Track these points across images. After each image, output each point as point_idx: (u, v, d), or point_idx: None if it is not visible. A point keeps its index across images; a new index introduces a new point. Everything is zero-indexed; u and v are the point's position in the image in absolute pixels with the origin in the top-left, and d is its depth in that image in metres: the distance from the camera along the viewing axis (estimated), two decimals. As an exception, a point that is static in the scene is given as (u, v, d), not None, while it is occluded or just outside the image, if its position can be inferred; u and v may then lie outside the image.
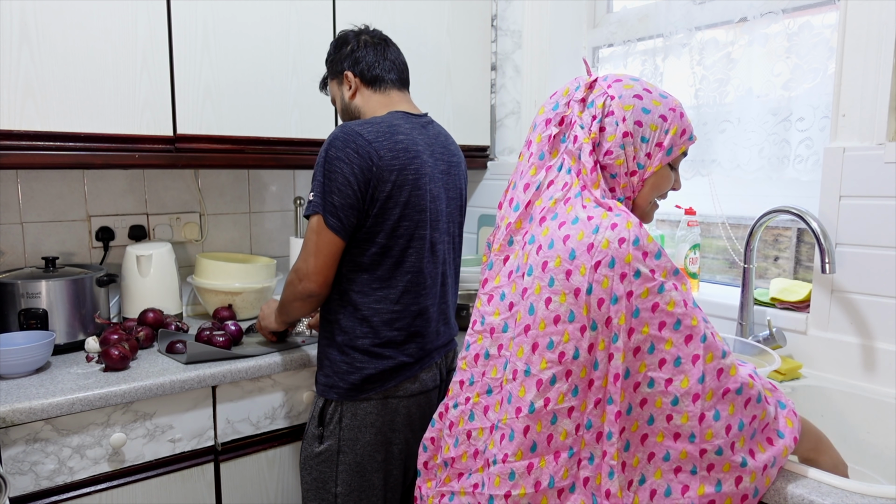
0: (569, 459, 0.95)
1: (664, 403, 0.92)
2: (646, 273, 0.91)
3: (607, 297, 0.91)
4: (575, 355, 0.93)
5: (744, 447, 0.93)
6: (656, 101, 1.02)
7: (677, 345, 0.91)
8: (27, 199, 1.79)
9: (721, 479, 0.93)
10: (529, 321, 0.96)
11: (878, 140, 1.36)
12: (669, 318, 0.91)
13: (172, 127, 1.64)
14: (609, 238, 0.92)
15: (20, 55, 1.44)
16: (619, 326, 0.91)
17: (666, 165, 1.04)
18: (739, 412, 0.93)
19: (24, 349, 1.41)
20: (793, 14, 1.57)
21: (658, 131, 1.01)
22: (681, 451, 0.92)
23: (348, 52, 1.48)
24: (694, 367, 0.90)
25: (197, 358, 1.52)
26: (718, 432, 0.91)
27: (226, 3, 1.68)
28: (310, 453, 1.42)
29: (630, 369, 0.92)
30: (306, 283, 1.35)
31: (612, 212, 0.95)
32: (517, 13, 2.16)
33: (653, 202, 1.07)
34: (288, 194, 2.23)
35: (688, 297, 0.93)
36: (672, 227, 1.94)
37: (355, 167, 1.30)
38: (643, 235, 0.93)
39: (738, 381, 0.92)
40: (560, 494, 0.95)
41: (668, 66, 1.82)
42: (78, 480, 1.37)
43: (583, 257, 0.93)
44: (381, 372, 1.37)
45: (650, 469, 0.94)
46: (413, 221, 1.36)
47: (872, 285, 1.38)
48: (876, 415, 1.30)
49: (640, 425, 0.93)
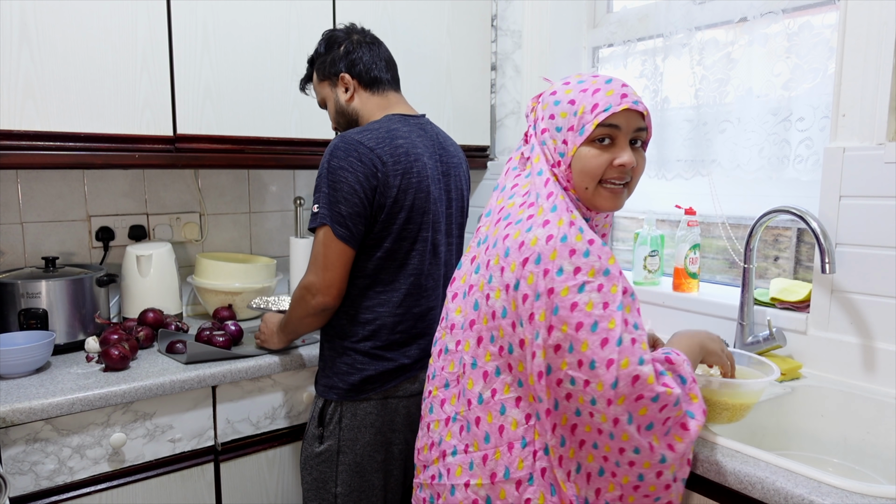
0: (522, 450, 0.97)
1: (585, 401, 0.92)
2: (569, 271, 0.91)
3: (531, 294, 0.93)
4: (510, 350, 0.97)
5: (661, 444, 0.94)
6: (570, 89, 1.03)
7: (592, 347, 0.90)
8: (27, 199, 1.79)
9: (643, 473, 0.95)
10: (474, 316, 1.02)
11: (878, 140, 1.35)
12: (587, 319, 0.90)
13: (172, 127, 1.65)
14: (538, 235, 0.94)
15: (20, 55, 1.44)
16: (540, 323, 0.92)
17: (586, 145, 1.01)
18: (652, 415, 0.92)
19: (24, 349, 1.41)
20: (793, 14, 1.57)
21: (568, 116, 1.02)
22: (605, 445, 0.94)
23: (343, 54, 1.45)
24: (607, 372, 0.89)
25: (197, 358, 1.52)
26: (633, 434, 0.92)
27: (226, 4, 1.68)
28: (310, 453, 1.42)
29: (551, 366, 0.93)
30: (320, 297, 1.33)
31: (549, 210, 0.97)
32: (517, 13, 2.16)
33: (594, 186, 1.02)
34: (288, 194, 2.23)
35: (612, 298, 0.91)
36: (672, 227, 1.94)
37: (360, 175, 1.29)
38: (572, 233, 0.93)
39: (655, 391, 0.90)
40: (518, 486, 0.97)
41: (668, 66, 1.82)
42: (78, 480, 1.37)
43: (514, 254, 0.96)
44: (381, 373, 1.37)
45: (583, 454, 0.96)
46: (416, 224, 1.36)
47: (872, 285, 1.38)
48: (876, 415, 1.30)
49: (569, 417, 0.95)
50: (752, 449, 1.05)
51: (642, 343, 0.91)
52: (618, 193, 1.04)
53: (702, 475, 1.06)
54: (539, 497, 0.97)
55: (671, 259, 1.88)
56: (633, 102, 1.00)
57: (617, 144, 1.02)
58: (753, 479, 0.98)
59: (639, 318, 0.94)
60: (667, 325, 1.78)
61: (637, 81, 1.91)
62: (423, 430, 1.11)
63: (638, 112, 1.01)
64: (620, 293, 0.92)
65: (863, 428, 1.31)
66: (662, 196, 1.98)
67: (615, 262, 0.94)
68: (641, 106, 1.02)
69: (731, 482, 1.01)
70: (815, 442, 1.35)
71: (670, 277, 1.83)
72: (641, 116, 1.02)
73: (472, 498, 1.00)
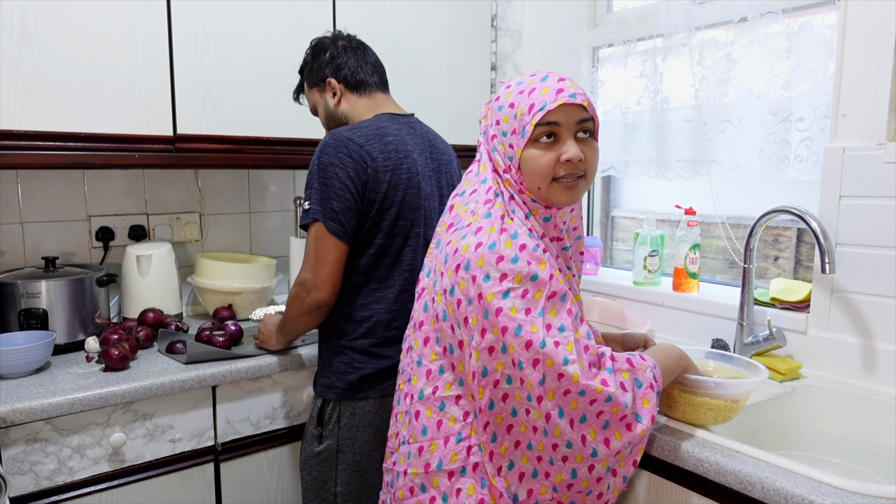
0: (457, 444, 1.03)
1: (522, 398, 0.96)
2: (495, 277, 0.95)
3: (464, 299, 0.98)
4: (451, 350, 1.03)
5: (596, 438, 0.97)
6: (510, 93, 1.05)
7: (517, 349, 0.94)
8: (27, 199, 1.79)
9: (576, 469, 0.98)
10: (423, 317, 1.08)
11: (878, 140, 1.36)
12: (511, 323, 0.94)
13: (172, 127, 1.64)
14: (469, 243, 0.99)
15: (20, 55, 1.44)
16: (474, 327, 0.97)
17: (530, 146, 1.01)
18: (583, 408, 0.96)
19: (24, 349, 1.41)
20: (793, 14, 1.57)
21: (510, 120, 1.03)
22: (539, 443, 0.98)
23: (328, 59, 1.47)
24: (535, 371, 0.94)
25: (197, 358, 1.52)
26: (565, 428, 0.96)
27: (226, 4, 1.68)
28: (309, 453, 1.42)
29: (487, 367, 0.97)
30: (315, 293, 1.33)
31: (483, 217, 1.01)
32: (517, 13, 2.16)
33: (547, 185, 1.02)
34: (288, 194, 2.23)
35: (535, 304, 0.95)
36: (672, 227, 1.94)
37: (350, 171, 1.30)
38: (502, 240, 0.97)
39: (580, 387, 0.94)
40: (450, 477, 1.03)
41: (668, 66, 1.82)
42: (78, 480, 1.37)
43: (450, 260, 1.01)
44: (379, 371, 1.37)
45: (518, 454, 1.00)
46: (408, 220, 1.36)
47: (872, 285, 1.38)
48: (876, 415, 1.30)
49: (505, 417, 0.99)
50: (752, 449, 1.05)
51: (567, 344, 0.95)
52: (572, 188, 1.04)
53: (702, 475, 1.06)
54: (469, 488, 1.02)
55: (671, 259, 1.88)
56: (570, 96, 1.00)
57: (560, 140, 1.02)
58: (753, 479, 0.98)
59: (567, 319, 0.97)
60: (667, 325, 1.78)
61: (637, 81, 1.92)
62: (391, 420, 1.19)
63: (578, 104, 1.01)
64: (545, 298, 0.96)
65: (863, 428, 1.31)
66: (662, 196, 1.98)
67: (546, 266, 0.97)
68: (579, 98, 1.01)
69: (731, 482, 1.01)
70: (815, 442, 1.35)
71: (670, 277, 1.84)
72: (583, 108, 1.02)
73: (409, 485, 1.07)
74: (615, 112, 2.01)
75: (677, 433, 1.13)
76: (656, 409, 1.02)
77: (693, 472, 1.07)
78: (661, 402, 1.19)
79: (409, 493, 1.07)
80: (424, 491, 1.05)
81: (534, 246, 0.98)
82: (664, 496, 1.14)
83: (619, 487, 1.05)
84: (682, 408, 1.15)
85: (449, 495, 1.03)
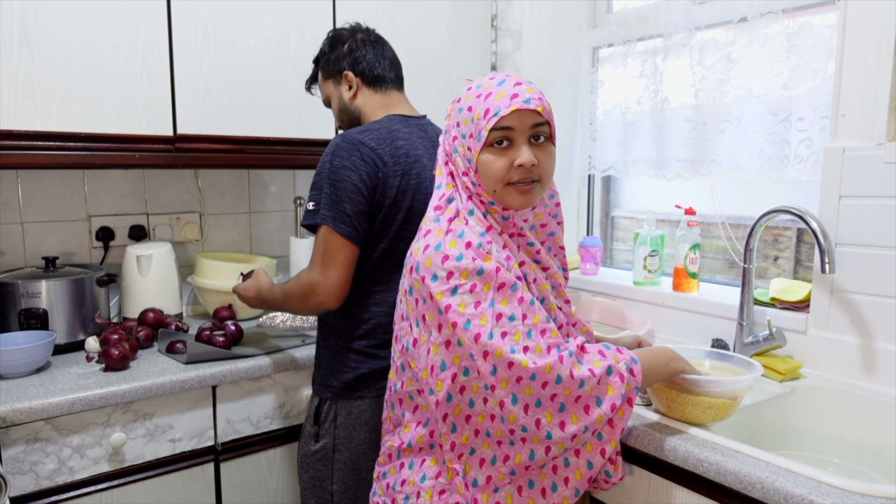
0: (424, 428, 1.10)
1: (479, 388, 1.00)
2: (442, 276, 1.00)
3: (420, 298, 1.04)
4: (407, 347, 1.09)
5: (552, 421, 0.99)
6: (469, 95, 1.07)
7: (468, 343, 0.98)
8: (27, 199, 1.79)
9: (534, 449, 1.01)
10: (396, 316, 1.15)
11: (878, 140, 1.36)
12: (460, 319, 0.99)
13: (172, 127, 1.65)
14: (419, 246, 1.05)
15: (20, 55, 1.44)
16: (430, 323, 1.02)
17: (485, 150, 1.03)
18: (537, 393, 0.98)
19: (25, 349, 1.41)
20: (793, 14, 1.57)
21: (468, 123, 1.06)
22: (497, 430, 1.02)
23: (347, 52, 1.46)
24: (486, 362, 0.98)
25: (197, 358, 1.52)
26: (518, 414, 0.99)
27: (226, 4, 1.68)
28: (306, 452, 1.42)
29: (445, 361, 1.01)
30: (324, 298, 1.31)
31: (432, 221, 1.07)
32: (517, 13, 2.16)
33: (501, 188, 1.05)
34: (288, 194, 2.23)
35: (484, 296, 0.99)
36: (672, 227, 1.94)
37: (363, 174, 1.30)
38: (447, 241, 1.02)
39: (530, 371, 0.97)
40: (419, 451, 1.12)
41: (668, 66, 1.82)
42: (78, 480, 1.37)
43: (407, 263, 1.09)
44: (375, 371, 1.37)
45: (479, 442, 1.04)
46: (414, 225, 1.36)
47: (872, 285, 1.38)
48: (876, 415, 1.30)
49: (463, 408, 1.03)
50: (752, 449, 1.05)
51: (515, 334, 0.99)
52: (526, 192, 1.06)
53: (702, 475, 1.06)
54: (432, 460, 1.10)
55: (671, 259, 1.88)
56: (524, 101, 1.01)
57: (515, 145, 1.04)
58: (753, 478, 0.98)
59: (518, 308, 1.00)
60: (667, 325, 1.78)
61: (637, 81, 1.92)
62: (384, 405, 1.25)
63: (532, 109, 1.02)
64: (494, 290, 1.00)
65: (863, 428, 1.31)
66: (662, 196, 1.98)
67: (491, 260, 1.01)
68: (534, 103, 1.02)
69: (731, 482, 1.01)
70: (815, 442, 1.35)
71: (670, 277, 1.84)
72: (537, 113, 1.03)
73: (387, 452, 1.18)
74: (615, 112, 2.01)
75: (677, 433, 1.13)
76: (620, 399, 1.02)
77: (693, 471, 1.07)
78: (660, 401, 1.19)
79: (387, 458, 1.18)
80: (399, 458, 1.16)
81: (478, 243, 1.02)
82: (664, 496, 1.14)
83: (581, 470, 1.04)
84: (681, 407, 1.15)
85: (415, 464, 1.12)
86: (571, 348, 1.01)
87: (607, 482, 1.11)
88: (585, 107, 2.13)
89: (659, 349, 1.16)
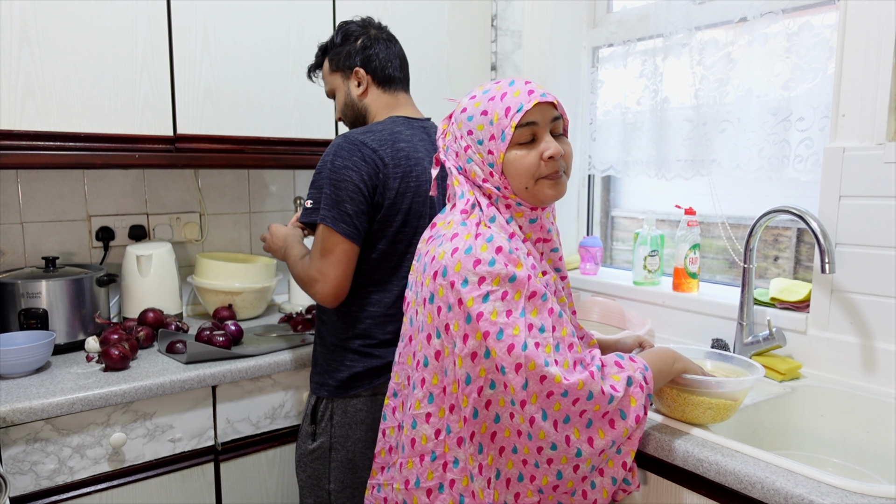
0: (432, 462, 1.03)
1: (506, 402, 0.96)
2: (473, 281, 0.96)
3: (444, 306, 0.98)
4: (425, 363, 1.03)
5: (580, 437, 0.97)
6: (478, 101, 1.05)
7: (500, 354, 0.94)
8: (27, 199, 1.79)
9: (561, 470, 0.98)
10: (411, 332, 1.08)
11: (878, 140, 1.36)
12: (493, 328, 0.94)
13: (172, 127, 1.65)
14: (445, 250, 1.00)
15: (20, 55, 1.44)
16: (455, 333, 0.97)
17: (512, 148, 1.03)
18: (566, 409, 0.96)
19: (24, 349, 1.41)
20: (793, 14, 1.57)
21: (485, 127, 1.04)
22: (524, 447, 0.98)
23: (360, 48, 1.45)
24: (517, 375, 0.94)
25: (197, 358, 1.52)
26: (549, 431, 0.96)
27: (226, 4, 1.68)
28: (304, 451, 1.43)
29: (470, 374, 0.97)
30: (322, 297, 1.32)
31: (458, 225, 1.02)
32: (517, 13, 2.16)
33: (533, 184, 1.03)
34: (288, 194, 2.23)
35: (516, 305, 0.96)
36: (672, 227, 1.94)
37: (364, 174, 1.30)
38: (478, 244, 0.98)
39: (563, 387, 0.94)
40: (429, 494, 1.04)
41: (668, 66, 1.82)
42: (78, 480, 1.37)
43: (429, 269, 1.02)
44: (369, 370, 1.37)
45: (503, 461, 1.00)
46: (413, 228, 1.36)
47: (872, 285, 1.38)
48: (876, 415, 1.30)
49: (488, 425, 0.99)
50: (752, 449, 1.05)
51: (547, 346, 0.96)
52: (557, 183, 1.06)
53: (702, 475, 1.06)
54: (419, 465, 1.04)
55: (671, 259, 1.88)
56: (542, 95, 1.02)
57: (539, 139, 1.04)
58: (753, 479, 0.98)
59: (548, 319, 0.98)
60: (667, 325, 1.78)
61: (637, 81, 1.92)
62: (379, 435, 1.18)
63: (549, 103, 1.03)
64: (525, 298, 0.96)
65: (863, 428, 1.31)
66: (662, 196, 1.98)
67: (523, 267, 0.98)
68: (550, 96, 1.04)
69: (731, 482, 1.01)
70: (815, 442, 1.35)
71: (670, 277, 1.84)
72: (553, 106, 1.04)
73: (394, 499, 1.09)
74: (615, 112, 2.01)
75: (677, 433, 1.13)
76: (642, 410, 1.02)
77: (693, 471, 1.07)
78: (661, 402, 1.19)
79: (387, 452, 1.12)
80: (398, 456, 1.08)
81: (510, 249, 0.98)
82: (664, 496, 1.14)
83: (607, 488, 1.04)
84: (681, 407, 1.15)
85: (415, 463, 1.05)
86: (598, 363, 1.00)
87: (626, 491, 1.10)
88: (585, 107, 2.13)
89: (662, 351, 1.15)
